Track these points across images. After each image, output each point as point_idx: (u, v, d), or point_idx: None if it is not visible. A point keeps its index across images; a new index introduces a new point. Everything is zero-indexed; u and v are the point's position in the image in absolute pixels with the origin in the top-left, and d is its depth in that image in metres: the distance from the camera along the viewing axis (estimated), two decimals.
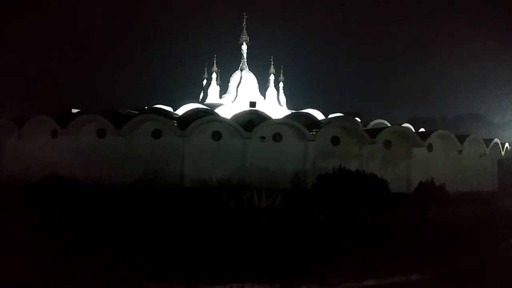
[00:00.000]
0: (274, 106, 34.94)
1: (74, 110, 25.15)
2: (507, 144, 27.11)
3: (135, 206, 12.82)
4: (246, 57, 38.03)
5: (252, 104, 28.95)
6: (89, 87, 72.77)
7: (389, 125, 26.17)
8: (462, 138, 23.84)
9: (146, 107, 28.71)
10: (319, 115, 28.95)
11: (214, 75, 39.42)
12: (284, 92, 39.27)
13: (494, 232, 11.41)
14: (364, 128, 24.31)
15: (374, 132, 22.64)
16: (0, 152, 23.25)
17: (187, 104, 30.37)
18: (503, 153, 26.25)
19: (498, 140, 26.01)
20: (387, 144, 22.44)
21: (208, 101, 37.06)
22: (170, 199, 14.03)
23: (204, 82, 40.60)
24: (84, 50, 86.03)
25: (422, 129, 27.89)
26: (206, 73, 40.51)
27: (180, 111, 28.61)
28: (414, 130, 25.49)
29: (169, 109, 29.29)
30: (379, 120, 27.69)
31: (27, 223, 10.40)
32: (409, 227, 11.86)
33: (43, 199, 12.40)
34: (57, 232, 9.90)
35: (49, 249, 8.32)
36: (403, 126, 25.40)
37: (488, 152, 24.84)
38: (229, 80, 38.60)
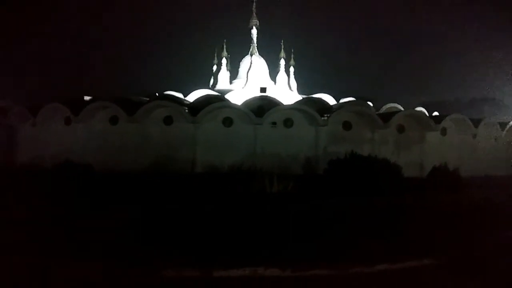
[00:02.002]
0: (285, 91, 34.69)
1: (87, 98, 25.39)
2: None
3: (148, 193, 12.97)
4: (256, 41, 37.65)
5: (263, 89, 28.74)
6: (100, 74, 73.03)
7: (402, 109, 25.83)
8: (476, 122, 23.46)
9: (157, 94, 28.81)
10: (330, 100, 28.70)
11: (224, 61, 39.11)
12: (294, 77, 38.94)
13: (509, 217, 11.26)
14: (377, 113, 24.05)
15: (387, 117, 22.39)
16: (14, 140, 23.64)
17: (198, 90, 30.33)
18: None
19: None
20: (400, 129, 22.19)
21: (218, 87, 36.92)
22: (182, 186, 14.15)
23: (214, 67, 40.42)
24: (95, 37, 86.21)
25: (435, 113, 27.48)
26: (216, 58, 40.29)
27: (191, 97, 28.62)
28: (427, 114, 25.13)
29: (180, 95, 29.33)
30: (391, 104, 27.32)
31: (42, 209, 10.62)
32: (422, 212, 11.77)
33: (57, 185, 12.60)
34: (71, 218, 10.08)
35: (63, 235, 8.49)
36: (416, 110, 25.07)
37: (503, 136, 24.41)
38: (239, 66, 38.34)
